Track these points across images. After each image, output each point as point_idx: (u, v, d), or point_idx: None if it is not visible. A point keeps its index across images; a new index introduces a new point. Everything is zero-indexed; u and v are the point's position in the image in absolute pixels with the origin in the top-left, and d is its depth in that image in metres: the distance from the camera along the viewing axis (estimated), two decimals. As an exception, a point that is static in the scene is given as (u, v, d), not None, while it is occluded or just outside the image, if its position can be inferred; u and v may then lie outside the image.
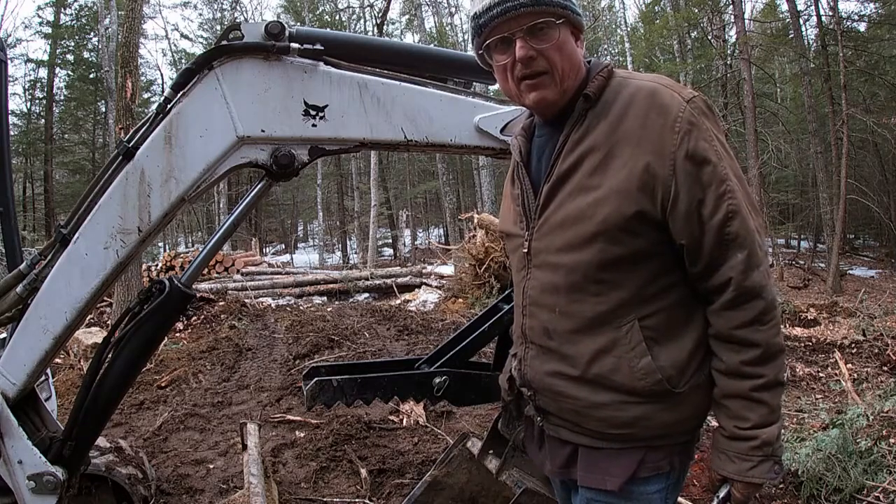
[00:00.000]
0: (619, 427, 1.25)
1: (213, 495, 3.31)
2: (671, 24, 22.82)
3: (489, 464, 2.17)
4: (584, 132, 1.22)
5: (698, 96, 1.20)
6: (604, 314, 1.22)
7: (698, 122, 1.16)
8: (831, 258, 16.46)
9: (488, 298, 8.64)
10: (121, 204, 1.67)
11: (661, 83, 1.22)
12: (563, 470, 1.37)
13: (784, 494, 3.09)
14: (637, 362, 1.20)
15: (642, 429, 1.24)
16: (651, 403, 1.23)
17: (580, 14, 1.25)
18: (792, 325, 7.52)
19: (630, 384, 1.22)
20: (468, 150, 1.98)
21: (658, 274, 1.23)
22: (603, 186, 1.18)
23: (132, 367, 1.79)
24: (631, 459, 1.25)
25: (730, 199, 1.15)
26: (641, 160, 1.15)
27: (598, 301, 1.22)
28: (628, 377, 1.21)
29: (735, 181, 1.17)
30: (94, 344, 6.22)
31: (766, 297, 1.18)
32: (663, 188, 1.15)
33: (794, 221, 24.99)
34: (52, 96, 27.46)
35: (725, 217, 1.15)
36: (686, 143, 1.14)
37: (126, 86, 7.28)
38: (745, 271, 1.16)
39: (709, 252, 1.18)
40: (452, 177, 28.01)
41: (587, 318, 1.23)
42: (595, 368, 1.23)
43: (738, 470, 1.20)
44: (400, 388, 2.02)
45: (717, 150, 1.16)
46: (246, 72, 1.68)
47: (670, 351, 1.23)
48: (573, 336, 1.25)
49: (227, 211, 26.01)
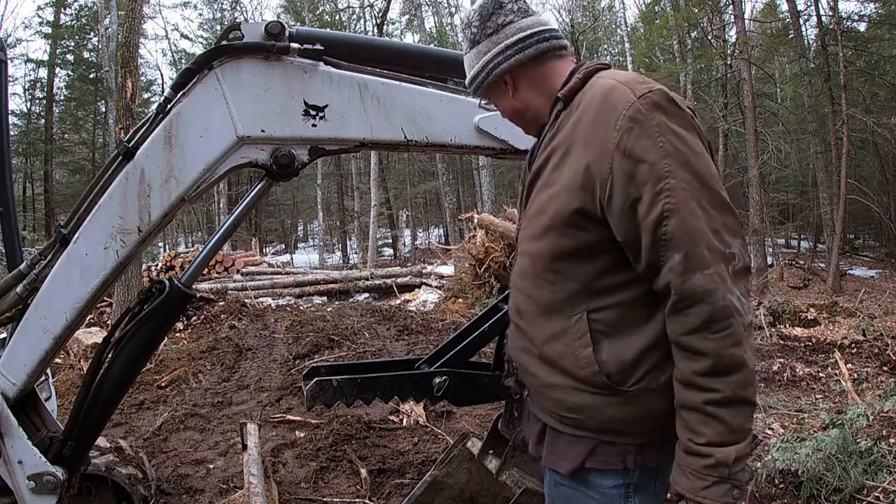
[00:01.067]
0: (569, 411, 1.28)
1: (213, 495, 3.31)
2: (671, 24, 22.81)
3: (489, 464, 2.17)
4: (556, 132, 1.29)
5: (657, 91, 1.17)
6: (557, 302, 1.27)
7: (643, 119, 1.14)
8: (831, 258, 16.46)
9: (488, 298, 8.64)
10: (121, 204, 1.67)
11: (621, 80, 1.21)
12: (537, 447, 1.42)
13: (784, 494, 3.09)
14: (580, 352, 1.23)
15: (589, 418, 1.25)
16: (597, 395, 1.23)
17: (503, 64, 1.33)
18: (792, 325, 7.52)
19: (574, 371, 1.25)
20: (468, 150, 1.98)
21: (608, 269, 1.23)
22: (557, 183, 1.25)
23: (132, 367, 1.79)
24: (583, 448, 1.28)
25: (667, 197, 1.11)
26: (585, 158, 1.19)
27: (553, 289, 1.28)
28: (572, 364, 1.25)
29: (679, 180, 1.11)
30: (94, 344, 6.22)
31: (712, 303, 1.10)
32: (601, 186, 1.17)
33: (794, 221, 25.00)
34: (52, 96, 27.45)
35: (660, 216, 1.11)
36: (625, 140, 1.14)
37: (126, 86, 7.28)
38: (682, 273, 1.11)
39: (647, 252, 1.15)
40: (452, 177, 28.01)
41: (544, 304, 1.30)
42: (548, 351, 1.29)
43: (692, 487, 1.13)
44: (400, 388, 2.01)
45: (662, 147, 1.12)
46: (246, 72, 1.68)
47: (616, 347, 1.22)
48: (534, 318, 1.32)
49: (227, 211, 26.01)
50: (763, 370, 5.40)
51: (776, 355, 5.96)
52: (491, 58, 1.34)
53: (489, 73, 1.36)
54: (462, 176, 30.32)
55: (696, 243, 1.11)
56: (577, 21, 25.86)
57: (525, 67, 1.34)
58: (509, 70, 1.34)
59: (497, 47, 1.33)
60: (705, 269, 1.11)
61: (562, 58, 1.37)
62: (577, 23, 24.94)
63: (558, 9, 27.63)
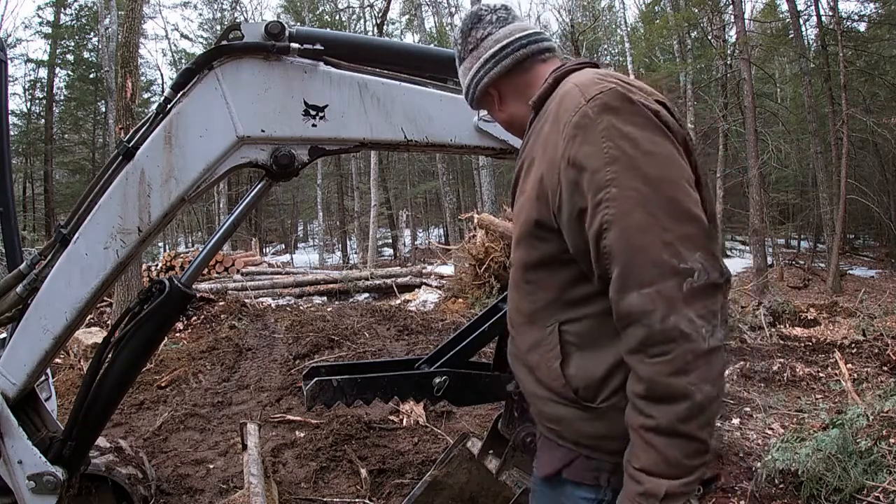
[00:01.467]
0: (549, 421, 1.27)
1: (213, 495, 3.31)
2: (671, 24, 22.80)
3: (489, 464, 2.17)
4: (528, 139, 1.29)
5: (609, 91, 1.09)
6: (534, 312, 1.25)
7: (588, 124, 1.07)
8: (831, 258, 16.47)
9: (488, 298, 8.64)
10: (121, 204, 1.67)
11: (577, 82, 1.15)
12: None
13: (784, 494, 3.09)
14: (552, 364, 1.21)
15: (566, 430, 1.23)
16: (570, 408, 1.20)
17: (484, 79, 1.33)
18: (792, 325, 7.53)
19: (548, 382, 1.23)
20: (468, 150, 1.98)
21: (577, 280, 1.17)
22: (524, 193, 1.24)
23: (132, 368, 1.79)
24: (561, 456, 1.25)
25: (606, 207, 1.03)
26: (541, 169, 1.17)
27: (531, 299, 1.26)
28: (546, 376, 1.23)
29: (623, 188, 1.03)
30: (94, 344, 6.21)
31: (647, 325, 1.00)
32: (552, 197, 1.13)
33: (794, 221, 25.01)
34: (52, 96, 27.45)
35: (599, 229, 1.04)
36: (570, 148, 1.08)
37: (126, 86, 7.28)
38: (618, 291, 1.04)
39: (595, 266, 1.09)
40: (452, 177, 28.02)
41: (525, 314, 1.28)
42: (529, 360, 1.27)
43: None
44: (400, 388, 2.01)
45: (608, 152, 1.04)
46: (246, 72, 1.68)
47: (585, 361, 1.17)
48: (520, 327, 1.31)
49: (227, 211, 26.01)
50: (763, 370, 5.40)
51: (776, 355, 5.97)
52: (474, 73, 1.34)
53: (475, 89, 1.36)
54: (462, 176, 30.32)
55: (635, 258, 1.02)
56: (577, 21, 25.86)
57: (507, 77, 1.33)
58: (491, 83, 1.34)
59: (478, 62, 1.33)
60: (643, 287, 1.01)
61: (545, 62, 1.32)
62: (577, 23, 24.94)
63: (558, 9, 27.66)
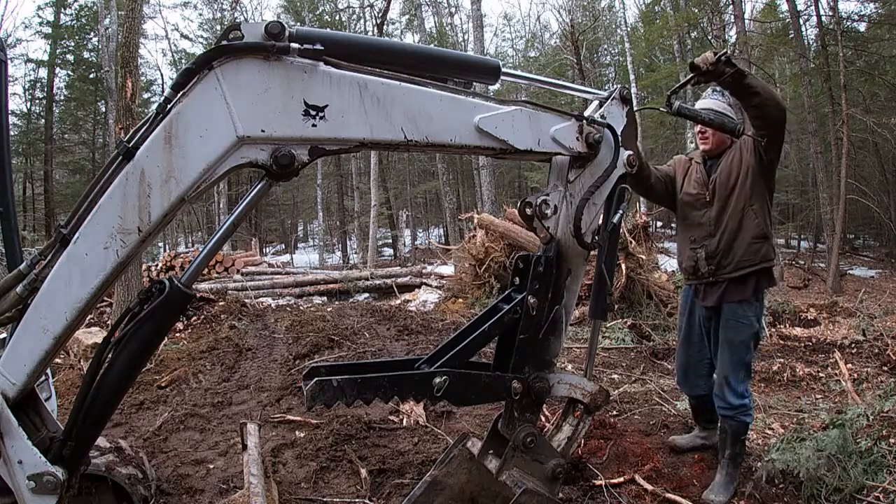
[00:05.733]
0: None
1: (213, 495, 3.31)
2: (671, 25, 22.80)
3: (489, 464, 2.17)
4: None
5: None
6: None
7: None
8: (831, 258, 16.46)
9: (488, 298, 8.64)
10: (121, 204, 1.67)
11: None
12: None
13: (784, 494, 3.09)
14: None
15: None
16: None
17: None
18: (792, 325, 7.53)
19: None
20: (468, 150, 1.98)
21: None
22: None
23: (132, 368, 1.79)
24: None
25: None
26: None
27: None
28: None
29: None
30: (94, 344, 6.21)
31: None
32: None
33: (794, 221, 25.00)
34: (52, 96, 27.45)
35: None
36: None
37: (126, 86, 7.29)
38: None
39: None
40: (452, 177, 28.01)
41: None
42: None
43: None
44: (400, 388, 2.01)
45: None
46: (246, 72, 1.67)
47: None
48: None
49: (227, 211, 26.01)
50: (763, 370, 5.40)
51: (776, 355, 5.97)
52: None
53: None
54: (462, 176, 30.32)
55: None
56: (577, 21, 25.86)
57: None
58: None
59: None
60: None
61: None
62: (577, 23, 24.94)
63: (558, 9, 27.62)
